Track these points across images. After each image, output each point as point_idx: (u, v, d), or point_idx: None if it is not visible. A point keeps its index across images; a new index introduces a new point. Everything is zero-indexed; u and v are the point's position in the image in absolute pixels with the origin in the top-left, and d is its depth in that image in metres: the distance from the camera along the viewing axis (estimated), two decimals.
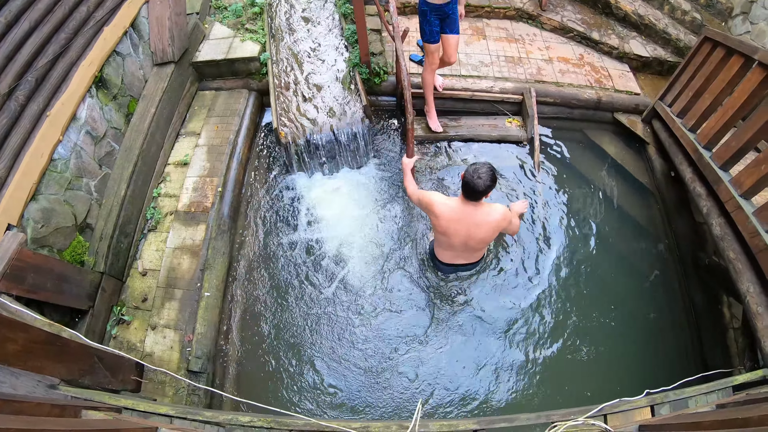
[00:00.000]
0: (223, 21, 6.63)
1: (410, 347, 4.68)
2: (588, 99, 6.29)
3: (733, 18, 6.84)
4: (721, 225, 4.15)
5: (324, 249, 5.25)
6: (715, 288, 4.84)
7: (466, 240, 4.05)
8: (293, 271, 5.10)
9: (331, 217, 5.49)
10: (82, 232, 4.42)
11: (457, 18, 5.07)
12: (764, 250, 3.50)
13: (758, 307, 3.54)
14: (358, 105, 5.66)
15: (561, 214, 5.57)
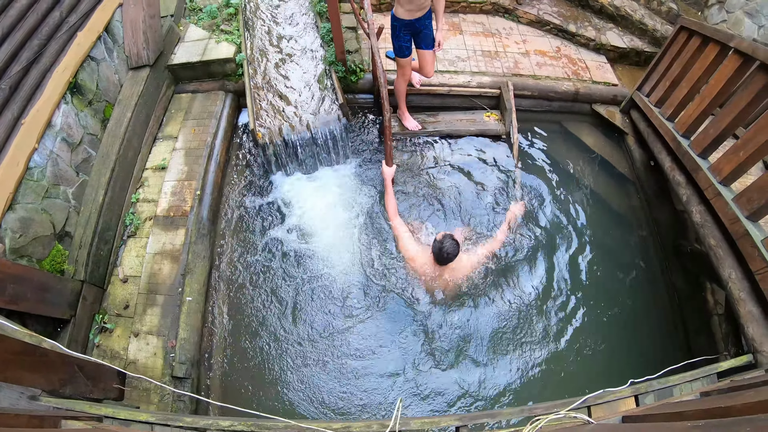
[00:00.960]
0: (198, 23, 6.58)
1: (393, 347, 4.67)
2: (566, 91, 6.33)
3: (709, 7, 6.91)
4: (701, 212, 4.19)
5: (305, 248, 5.23)
6: (698, 275, 4.89)
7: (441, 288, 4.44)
8: (275, 272, 5.07)
9: (311, 217, 5.47)
10: (61, 241, 4.36)
11: (432, 33, 5.07)
12: (744, 236, 3.54)
13: (740, 293, 3.58)
14: (335, 103, 5.63)
15: (541, 206, 5.58)
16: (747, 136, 3.66)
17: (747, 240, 3.51)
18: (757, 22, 5.96)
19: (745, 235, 3.53)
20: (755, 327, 3.39)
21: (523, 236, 5.28)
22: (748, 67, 3.95)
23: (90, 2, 5.12)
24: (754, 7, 6.00)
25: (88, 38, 5.02)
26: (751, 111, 3.88)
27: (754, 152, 3.61)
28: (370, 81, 6.19)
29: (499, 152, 6.00)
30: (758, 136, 3.55)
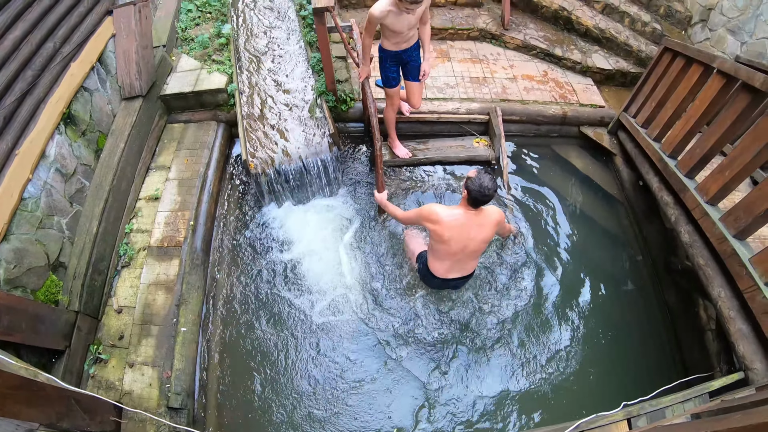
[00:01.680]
0: (189, 53, 6.64)
1: (389, 376, 4.67)
2: (553, 115, 6.42)
3: (692, 26, 7.09)
4: (690, 232, 4.24)
5: (299, 278, 5.23)
6: (690, 291, 4.92)
7: (466, 244, 4.09)
8: (269, 302, 5.07)
9: (304, 246, 5.47)
10: (55, 271, 4.34)
11: (419, 65, 5.13)
12: (732, 255, 3.58)
13: (730, 311, 3.61)
14: (326, 133, 5.68)
15: (532, 229, 5.62)
16: (732, 155, 3.74)
17: (735, 259, 3.56)
18: (739, 38, 6.10)
19: (732, 254, 3.58)
20: (745, 345, 3.42)
21: (515, 259, 5.32)
22: (731, 87, 4.04)
23: (83, 33, 5.16)
24: (736, 24, 6.15)
25: (82, 69, 5.05)
26: (735, 130, 3.96)
27: (740, 171, 3.68)
28: (360, 110, 6.25)
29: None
30: (743, 156, 3.63)
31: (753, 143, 3.54)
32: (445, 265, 4.34)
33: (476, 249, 4.19)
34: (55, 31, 4.75)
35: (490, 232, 4.11)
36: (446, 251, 4.18)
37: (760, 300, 3.27)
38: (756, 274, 3.34)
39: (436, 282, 4.58)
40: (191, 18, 7.13)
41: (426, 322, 4.90)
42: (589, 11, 7.31)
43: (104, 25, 5.54)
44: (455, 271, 4.41)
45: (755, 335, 3.39)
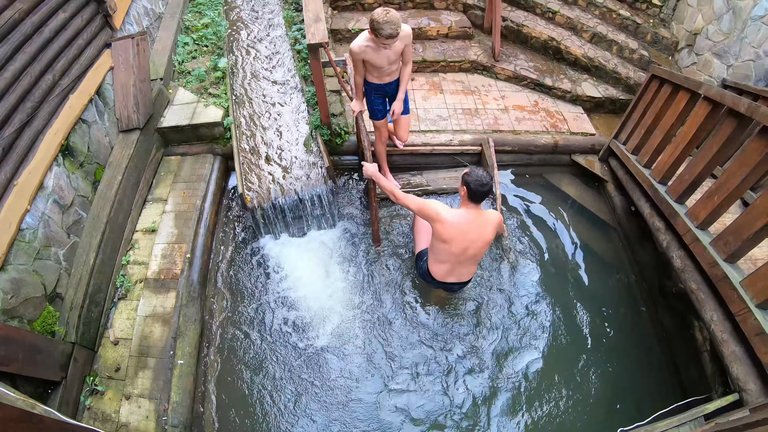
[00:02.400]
0: (186, 86, 6.72)
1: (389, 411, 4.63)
2: (545, 144, 6.51)
3: (679, 51, 7.26)
4: (681, 257, 4.28)
5: (295, 311, 5.23)
6: (685, 314, 4.94)
7: (468, 246, 4.20)
8: (266, 335, 5.05)
9: (300, 279, 5.48)
10: (51, 302, 4.34)
11: (406, 98, 5.20)
12: (723, 279, 3.62)
13: (723, 334, 3.64)
14: (321, 167, 5.73)
15: (527, 258, 5.66)
16: (720, 180, 3.79)
17: (726, 282, 3.59)
18: (725, 62, 6.22)
19: (723, 278, 3.62)
20: (739, 366, 3.44)
21: (511, 286, 5.37)
22: (717, 112, 4.13)
23: (82, 66, 5.21)
24: (722, 48, 6.28)
25: (80, 101, 5.10)
26: (722, 155, 4.03)
27: (728, 196, 3.73)
28: (354, 143, 6.33)
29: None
30: (730, 181, 3.68)
31: (740, 168, 3.60)
32: (444, 267, 4.45)
33: (476, 252, 4.29)
34: (54, 63, 4.80)
35: (491, 234, 4.24)
36: (447, 252, 4.27)
37: (752, 322, 3.29)
38: (747, 296, 3.37)
39: (434, 283, 4.70)
40: (188, 51, 7.25)
41: (420, 352, 4.93)
42: (577, 40, 7.48)
43: (103, 58, 5.61)
44: (453, 276, 4.54)
45: (748, 357, 3.41)
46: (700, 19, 6.76)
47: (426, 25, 7.71)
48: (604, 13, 7.68)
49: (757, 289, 3.31)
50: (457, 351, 4.91)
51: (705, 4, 6.68)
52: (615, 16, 7.60)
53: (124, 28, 6.17)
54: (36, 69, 4.52)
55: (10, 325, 3.75)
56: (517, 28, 7.58)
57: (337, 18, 7.86)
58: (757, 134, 3.47)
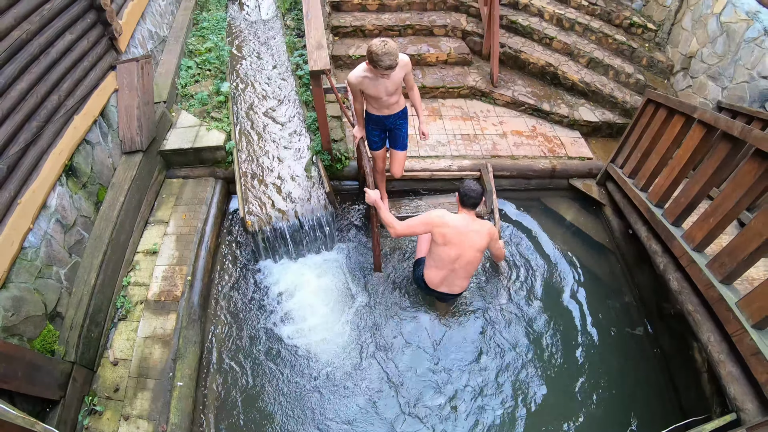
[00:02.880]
0: (189, 109, 6.80)
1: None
2: (543, 169, 6.57)
3: (674, 75, 7.36)
4: (678, 279, 4.29)
5: (295, 333, 5.23)
6: (684, 335, 4.95)
7: (464, 252, 4.42)
8: (266, 357, 5.05)
9: (300, 304, 5.48)
10: (52, 321, 4.34)
11: (404, 134, 5.24)
12: (719, 300, 3.63)
13: (720, 354, 3.64)
14: (322, 192, 5.79)
15: (526, 281, 5.69)
16: (715, 203, 3.82)
17: (722, 304, 3.60)
18: (720, 84, 6.30)
19: (720, 300, 3.63)
20: (736, 386, 3.44)
21: (511, 311, 5.39)
22: (712, 136, 4.18)
23: (87, 87, 5.27)
24: (716, 71, 6.37)
25: (85, 122, 5.15)
26: (717, 178, 4.06)
27: (723, 218, 3.75)
28: (354, 168, 6.38)
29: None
30: (725, 203, 3.71)
31: (734, 190, 3.63)
32: (440, 274, 4.66)
33: (470, 260, 4.50)
34: (60, 84, 4.86)
35: (485, 241, 4.52)
36: (446, 256, 4.47)
37: (748, 342, 3.30)
38: (743, 317, 3.39)
39: (426, 290, 4.98)
40: (191, 75, 7.35)
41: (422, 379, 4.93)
42: (574, 66, 7.59)
43: (107, 80, 5.68)
44: (446, 286, 4.79)
45: (745, 377, 3.41)
46: (695, 43, 6.87)
47: (425, 52, 7.82)
48: (600, 39, 7.80)
49: (752, 309, 3.32)
50: (457, 376, 4.91)
51: (699, 28, 6.79)
52: (611, 41, 7.72)
53: (128, 51, 6.27)
54: (42, 89, 4.56)
55: (10, 343, 3.75)
56: (515, 54, 7.70)
57: (338, 44, 7.99)
58: (750, 156, 3.51)
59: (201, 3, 9.28)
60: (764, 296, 3.22)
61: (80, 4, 5.24)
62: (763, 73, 5.58)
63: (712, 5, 6.52)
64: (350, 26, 8.12)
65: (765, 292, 3.22)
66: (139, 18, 6.75)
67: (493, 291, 5.56)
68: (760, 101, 5.64)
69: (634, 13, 8.04)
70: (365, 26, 8.11)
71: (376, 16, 8.35)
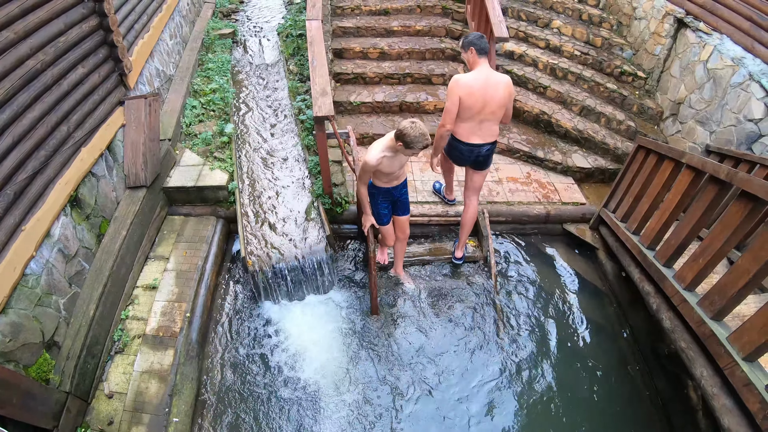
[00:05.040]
0: (193, 148, 6.93)
1: None
2: (538, 214, 6.68)
3: (664, 120, 7.54)
4: (671, 318, 4.35)
5: (293, 374, 5.23)
6: (678, 374, 4.98)
7: (487, 102, 4.85)
8: (262, 398, 5.04)
9: (298, 345, 5.50)
10: (48, 350, 4.34)
11: (407, 200, 5.34)
12: (711, 336, 3.70)
13: (713, 388, 3.69)
14: (322, 235, 5.87)
15: (521, 325, 5.74)
16: (704, 244, 3.92)
17: (713, 339, 3.67)
18: (708, 128, 6.46)
19: (711, 335, 3.70)
20: (730, 418, 3.48)
21: (506, 355, 5.42)
22: (700, 179, 4.31)
23: (95, 120, 5.38)
24: (704, 116, 6.53)
25: (91, 155, 5.24)
26: (706, 219, 4.16)
27: (712, 258, 3.85)
28: (354, 212, 6.47)
29: (478, 276, 6.22)
30: (713, 243, 3.81)
31: (722, 231, 3.74)
32: (467, 126, 5.07)
33: (494, 110, 4.92)
34: (70, 115, 4.96)
35: (504, 95, 4.85)
36: (469, 113, 4.94)
37: (739, 374, 3.37)
38: (733, 351, 3.46)
39: (464, 149, 5.26)
40: (195, 115, 7.52)
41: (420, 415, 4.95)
42: (567, 114, 7.76)
43: (115, 115, 5.81)
44: (477, 137, 5.12)
45: (738, 408, 3.46)
46: (683, 89, 7.06)
47: (424, 100, 8.02)
48: (592, 87, 8.00)
49: (743, 343, 3.39)
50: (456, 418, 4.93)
51: (687, 75, 6.99)
52: (603, 89, 7.91)
53: (137, 88, 6.43)
54: (52, 119, 4.66)
55: (6, 368, 3.74)
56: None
57: (339, 90, 8.19)
58: (737, 198, 3.64)
59: (207, 44, 9.55)
60: (753, 330, 3.30)
61: (93, 39, 5.42)
62: (749, 116, 5.74)
63: (699, 53, 6.73)
64: (352, 73, 8.34)
65: (754, 326, 3.30)
66: (148, 56, 6.96)
67: (487, 332, 5.61)
68: (747, 144, 5.79)
69: (625, 62, 8.27)
70: (366, 74, 8.33)
71: (376, 64, 8.60)
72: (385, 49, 8.71)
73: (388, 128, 7.65)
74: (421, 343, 5.51)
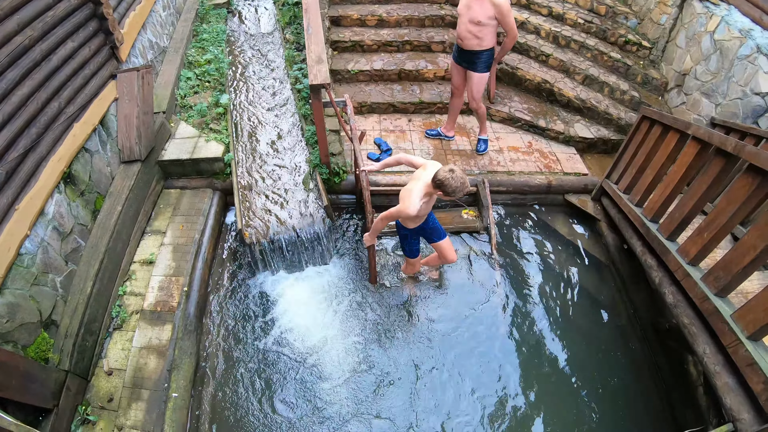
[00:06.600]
0: (188, 120, 6.83)
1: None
2: (539, 184, 6.61)
3: (668, 92, 7.43)
4: (673, 293, 4.31)
5: (292, 346, 5.22)
6: (679, 349, 4.97)
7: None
8: (261, 369, 5.04)
9: (297, 316, 5.48)
10: (46, 329, 4.31)
11: (438, 225, 5.09)
12: (715, 313, 3.66)
13: (715, 366, 3.65)
14: (320, 205, 5.82)
15: (521, 296, 5.72)
16: (709, 218, 3.87)
17: (717, 316, 3.63)
18: (714, 101, 6.36)
19: (715, 312, 3.66)
20: (732, 397, 3.45)
21: (504, 325, 5.41)
22: (706, 151, 4.22)
23: (87, 95, 5.28)
24: (710, 88, 6.42)
25: (84, 130, 5.15)
26: (711, 193, 4.09)
27: (717, 233, 3.79)
28: (352, 182, 6.42)
29: (479, 247, 6.19)
30: (719, 218, 3.76)
31: (728, 206, 3.68)
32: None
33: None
34: (60, 91, 4.86)
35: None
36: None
37: (743, 353, 3.33)
38: (737, 329, 3.42)
39: None
40: (190, 86, 7.40)
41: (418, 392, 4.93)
42: (570, 83, 7.66)
43: (108, 89, 5.69)
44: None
45: (741, 387, 3.43)
46: (689, 60, 6.94)
47: (423, 68, 7.90)
48: (595, 56, 7.87)
49: (747, 321, 3.35)
50: (449, 387, 4.93)
51: (693, 46, 6.87)
52: (606, 58, 7.78)
53: (129, 61, 6.31)
54: (42, 96, 4.57)
55: (4, 350, 3.70)
56: (512, 70, 7.78)
57: (337, 59, 8.06)
58: (744, 172, 3.57)
59: (201, 15, 9.37)
60: (758, 308, 3.25)
61: (83, 12, 5.28)
62: (756, 89, 5.64)
63: (706, 23, 6.60)
64: (349, 41, 8.20)
65: (759, 304, 3.25)
66: (140, 28, 6.80)
67: (487, 305, 5.58)
68: (753, 117, 5.69)
69: (629, 31, 8.12)
70: (364, 41, 8.19)
71: (374, 31, 8.44)
72: (384, 16, 8.56)
73: (387, 97, 7.59)
74: (420, 313, 5.50)
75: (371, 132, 7.23)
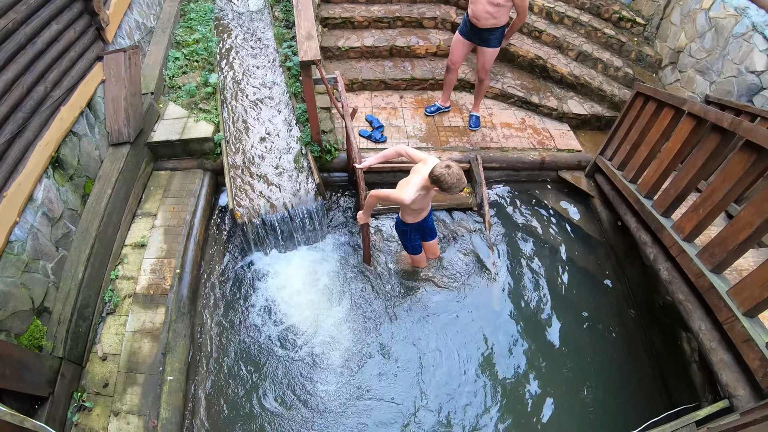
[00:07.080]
0: (177, 101, 6.73)
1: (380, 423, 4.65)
2: (532, 161, 6.59)
3: (662, 69, 7.40)
4: (668, 269, 4.33)
5: (285, 326, 5.23)
6: (673, 326, 5.01)
7: None
8: (256, 350, 5.04)
9: (290, 296, 5.48)
10: (39, 316, 4.29)
11: (434, 225, 5.31)
12: (710, 289, 3.68)
13: (711, 342, 3.69)
14: (311, 183, 5.77)
15: (515, 273, 5.72)
16: (704, 194, 3.87)
17: (713, 292, 3.66)
18: (708, 78, 6.33)
19: (710, 288, 3.68)
20: (728, 373, 3.49)
21: (498, 303, 5.44)
22: (701, 128, 4.21)
23: (74, 78, 5.19)
24: (704, 65, 6.39)
25: (71, 113, 5.07)
26: (707, 169, 4.10)
27: (713, 209, 3.80)
28: (344, 160, 6.37)
29: (472, 224, 6.18)
30: (714, 194, 3.76)
31: (723, 182, 3.68)
32: None
33: None
34: (46, 74, 4.78)
35: None
36: None
37: (739, 329, 3.36)
38: (734, 305, 3.44)
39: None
40: (179, 66, 7.28)
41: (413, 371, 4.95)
42: (563, 59, 7.60)
43: (94, 71, 5.59)
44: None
45: (737, 363, 3.47)
46: (683, 37, 6.90)
47: (415, 44, 7.79)
48: (589, 32, 7.80)
49: (743, 297, 3.38)
50: (447, 365, 4.95)
51: (688, 23, 6.82)
52: (600, 34, 7.73)
53: (116, 42, 6.18)
54: (28, 80, 4.49)
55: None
56: (505, 46, 7.67)
57: (327, 36, 7.94)
58: (740, 148, 3.56)
59: None
60: (754, 285, 3.28)
61: None
62: (751, 67, 5.61)
63: (701, 1, 6.54)
64: (339, 18, 8.06)
65: (755, 280, 3.27)
66: (126, 8, 6.65)
67: (481, 283, 5.59)
68: (748, 95, 5.67)
69: (623, 8, 8.05)
70: (354, 18, 8.05)
71: (365, 7, 8.30)
72: None
73: (378, 73, 7.51)
74: (414, 291, 5.51)
75: (363, 109, 7.16)
